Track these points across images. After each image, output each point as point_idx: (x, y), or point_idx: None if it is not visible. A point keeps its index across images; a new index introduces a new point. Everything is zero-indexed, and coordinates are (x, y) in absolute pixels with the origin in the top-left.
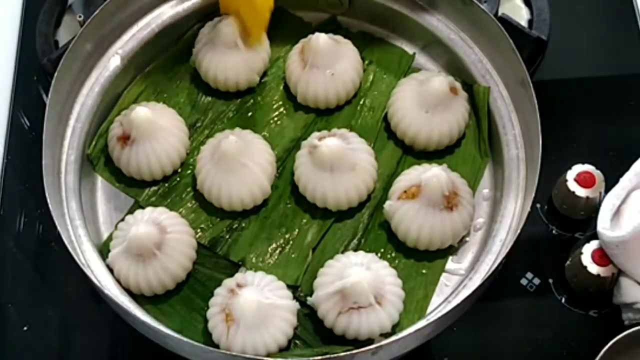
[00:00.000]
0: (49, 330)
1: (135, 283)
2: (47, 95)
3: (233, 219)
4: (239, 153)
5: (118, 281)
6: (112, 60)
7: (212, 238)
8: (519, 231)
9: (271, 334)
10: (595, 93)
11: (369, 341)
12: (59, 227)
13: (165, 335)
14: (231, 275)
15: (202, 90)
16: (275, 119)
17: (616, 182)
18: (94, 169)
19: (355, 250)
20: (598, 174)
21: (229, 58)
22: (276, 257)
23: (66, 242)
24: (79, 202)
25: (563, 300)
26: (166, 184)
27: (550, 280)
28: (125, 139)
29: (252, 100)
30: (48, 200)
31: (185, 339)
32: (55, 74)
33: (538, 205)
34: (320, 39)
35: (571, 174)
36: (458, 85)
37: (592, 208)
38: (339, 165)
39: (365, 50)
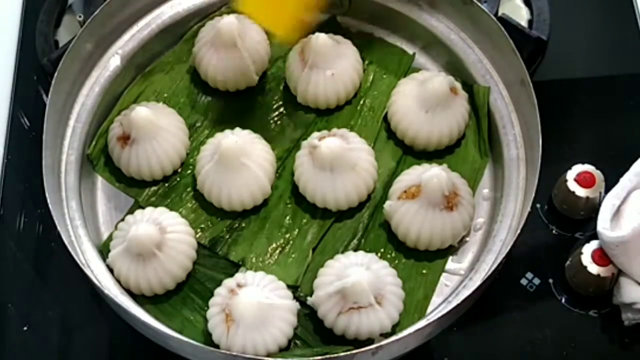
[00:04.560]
0: (49, 330)
1: (136, 283)
2: (47, 95)
3: (233, 219)
4: (239, 153)
5: (118, 281)
6: (112, 60)
7: (212, 238)
8: (519, 231)
9: (271, 334)
10: (596, 93)
11: (369, 341)
12: (59, 227)
13: (165, 335)
14: (231, 275)
15: (201, 90)
16: (275, 119)
17: (616, 182)
18: (94, 169)
19: (355, 250)
20: (598, 174)
21: (229, 58)
22: (276, 257)
23: (66, 242)
24: (79, 202)
25: (563, 301)
26: (166, 184)
27: (550, 281)
28: (125, 139)
29: (252, 101)
30: (48, 200)
31: (185, 339)
32: (55, 74)
33: (538, 205)
34: (320, 38)
35: (571, 174)
36: (458, 85)
37: (592, 208)
38: (339, 165)
39: (365, 50)
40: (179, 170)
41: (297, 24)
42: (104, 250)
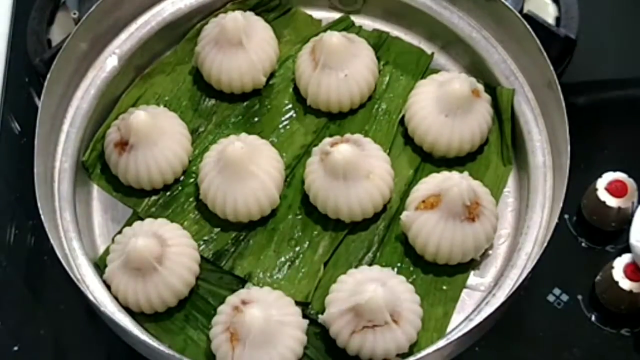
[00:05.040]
0: (41, 350)
1: (134, 300)
2: (39, 98)
3: (239, 230)
4: (245, 160)
5: (116, 298)
6: (109, 61)
7: (216, 251)
8: (545, 244)
9: (280, 354)
10: (628, 95)
11: None
12: (52, 240)
13: (166, 355)
14: (236, 291)
15: (205, 92)
16: (284, 123)
17: None
18: (89, 177)
19: (370, 264)
20: (630, 183)
21: (234, 58)
22: (285, 271)
23: (60, 256)
24: (73, 213)
25: (593, 318)
26: (167, 194)
27: (579, 297)
28: (123, 145)
29: (259, 104)
30: (40, 211)
31: None
32: (48, 76)
33: (566, 216)
34: (333, 37)
35: (601, 183)
36: (480, 87)
37: (624, 219)
38: (352, 173)
39: (380, 49)
40: (181, 178)
41: None
42: (100, 265)
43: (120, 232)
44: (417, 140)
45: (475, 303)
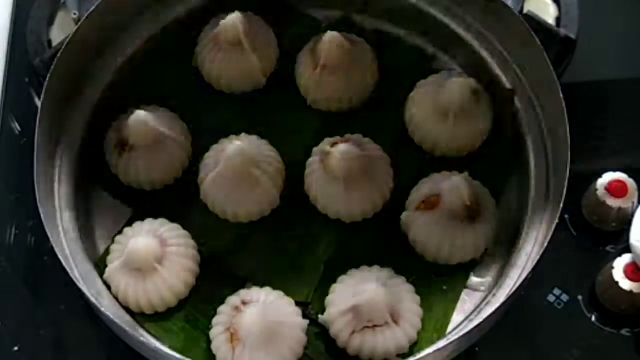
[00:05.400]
0: (41, 351)
1: (134, 299)
2: (39, 98)
3: (239, 231)
4: (245, 160)
5: (116, 298)
6: (110, 61)
7: (216, 251)
8: (545, 244)
9: (280, 354)
10: (628, 95)
11: None
12: (52, 240)
13: (166, 356)
14: (236, 291)
15: (205, 92)
16: (284, 123)
17: None
18: (89, 177)
19: (370, 264)
20: (631, 183)
21: (234, 58)
22: (285, 271)
23: (60, 256)
24: (73, 213)
25: (593, 318)
26: (167, 194)
27: (579, 297)
28: (123, 145)
29: (259, 103)
30: (40, 211)
31: None
32: (48, 76)
33: (566, 216)
34: (333, 37)
35: (601, 183)
36: (480, 87)
37: (625, 219)
38: (352, 173)
39: (380, 49)
40: (181, 178)
41: None
42: (100, 265)
43: (120, 232)
44: (418, 140)
45: (475, 303)
